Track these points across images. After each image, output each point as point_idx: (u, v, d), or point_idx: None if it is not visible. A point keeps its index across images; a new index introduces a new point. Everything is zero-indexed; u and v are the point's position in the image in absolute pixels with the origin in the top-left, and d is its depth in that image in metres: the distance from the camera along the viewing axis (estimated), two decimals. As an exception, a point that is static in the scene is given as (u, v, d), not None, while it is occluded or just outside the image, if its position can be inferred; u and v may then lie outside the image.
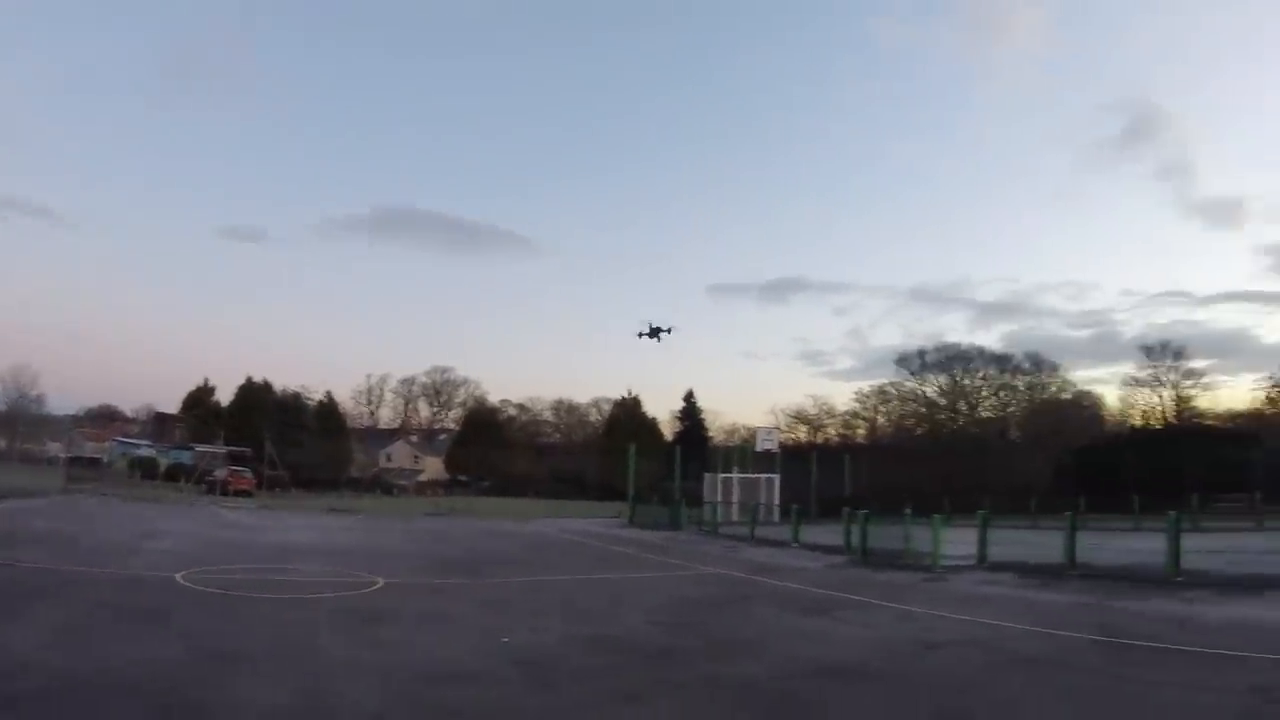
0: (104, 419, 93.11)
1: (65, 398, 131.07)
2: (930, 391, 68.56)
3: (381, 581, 14.47)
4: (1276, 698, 7.05)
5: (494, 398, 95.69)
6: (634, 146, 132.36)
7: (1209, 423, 59.90)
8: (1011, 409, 67.05)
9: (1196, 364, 64.49)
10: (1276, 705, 6.89)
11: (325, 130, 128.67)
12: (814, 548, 23.08)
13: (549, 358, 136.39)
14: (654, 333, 48.14)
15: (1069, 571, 16.38)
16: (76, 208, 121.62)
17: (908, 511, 20.19)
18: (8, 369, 74.29)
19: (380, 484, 68.57)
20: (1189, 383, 63.56)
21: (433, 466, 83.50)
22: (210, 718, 6.08)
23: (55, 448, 54.13)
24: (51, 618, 9.35)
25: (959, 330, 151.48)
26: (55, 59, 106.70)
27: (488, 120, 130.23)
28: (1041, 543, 19.99)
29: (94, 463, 57.27)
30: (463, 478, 68.55)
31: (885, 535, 20.20)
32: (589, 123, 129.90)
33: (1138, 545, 19.07)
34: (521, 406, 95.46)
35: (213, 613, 10.68)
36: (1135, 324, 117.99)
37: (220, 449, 51.83)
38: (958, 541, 19.11)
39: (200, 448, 57.66)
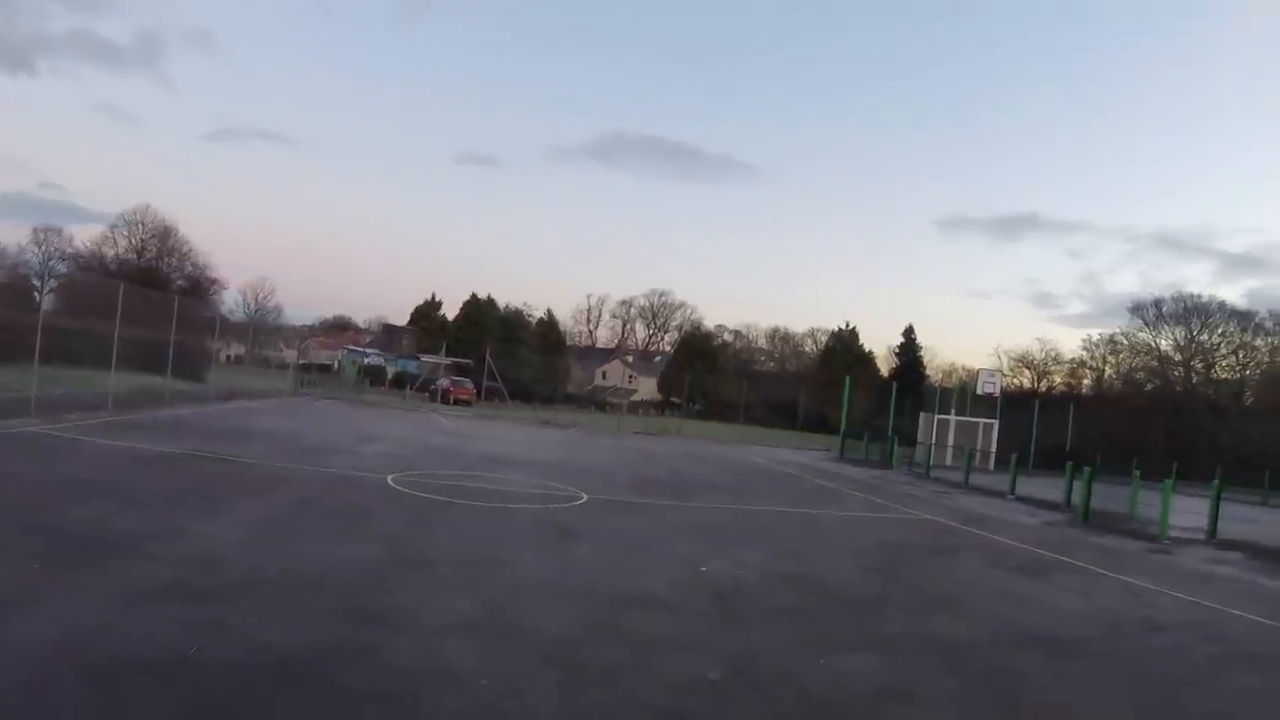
0: (338, 329, 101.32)
1: (305, 310, 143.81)
2: (1165, 345, 62.59)
3: (585, 497, 14.74)
4: None
5: (710, 322, 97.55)
6: (864, 73, 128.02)
7: None
8: (1249, 372, 60.39)
9: None
10: None
11: (557, 58, 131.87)
12: (1030, 501, 21.90)
13: (767, 285, 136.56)
14: None
15: (1306, 560, 14.52)
16: (317, 136, 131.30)
17: (1137, 472, 18.67)
18: (247, 283, 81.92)
19: (594, 400, 70.40)
20: None
21: (646, 387, 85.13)
22: (383, 624, 6.10)
23: (290, 354, 58.75)
24: (252, 514, 9.82)
25: (1201, 282, 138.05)
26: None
27: (716, 46, 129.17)
28: (1275, 522, 18.30)
29: (325, 369, 62.17)
30: (675, 399, 69.34)
31: (1109, 495, 18.72)
32: (819, 49, 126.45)
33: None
34: (737, 333, 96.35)
35: (414, 516, 11.06)
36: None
37: (444, 360, 54.44)
38: (1182, 510, 17.45)
39: (425, 358, 60.97)
